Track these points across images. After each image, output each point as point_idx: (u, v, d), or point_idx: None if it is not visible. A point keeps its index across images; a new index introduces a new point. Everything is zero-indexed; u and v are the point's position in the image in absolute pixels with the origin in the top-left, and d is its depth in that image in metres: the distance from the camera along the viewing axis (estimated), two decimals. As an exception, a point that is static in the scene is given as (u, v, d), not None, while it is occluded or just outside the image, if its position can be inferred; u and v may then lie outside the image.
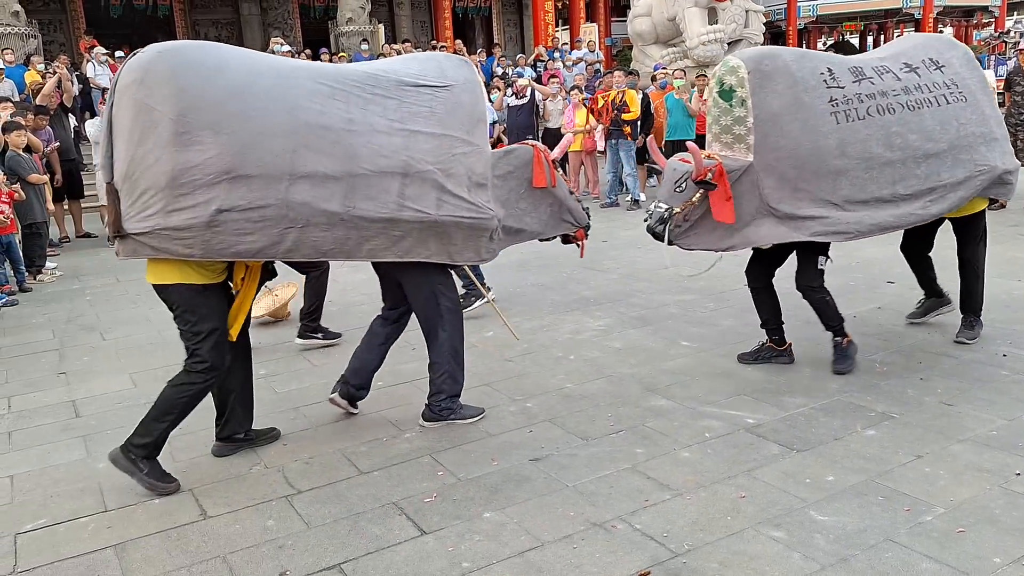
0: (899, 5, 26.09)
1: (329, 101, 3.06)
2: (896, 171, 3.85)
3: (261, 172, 2.90)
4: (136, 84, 2.85)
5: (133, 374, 4.65)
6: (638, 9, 18.27)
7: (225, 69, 2.95)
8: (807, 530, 2.65)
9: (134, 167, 2.85)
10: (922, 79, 4.01)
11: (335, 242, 3.11)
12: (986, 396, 3.65)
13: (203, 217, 2.85)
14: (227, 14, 19.48)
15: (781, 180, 3.75)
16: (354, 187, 3.06)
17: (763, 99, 3.73)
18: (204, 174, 2.84)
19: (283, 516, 2.93)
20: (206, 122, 2.84)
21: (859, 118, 3.79)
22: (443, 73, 3.36)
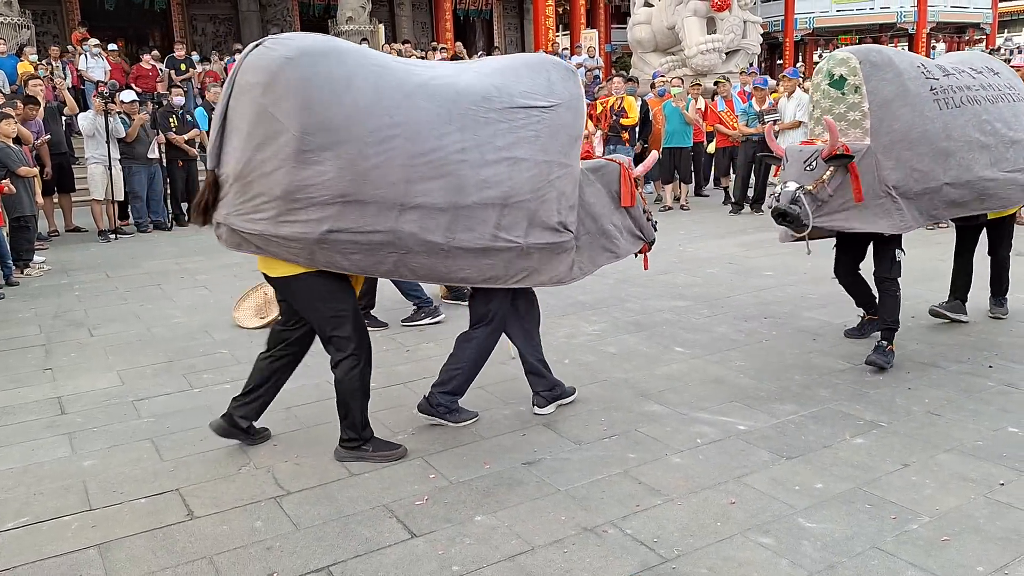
0: (894, 20, 26.34)
1: (446, 127, 3.03)
2: (992, 154, 4.22)
3: (375, 199, 2.92)
4: (261, 88, 2.83)
5: (121, 371, 4.63)
6: (638, 17, 18.36)
7: (352, 84, 2.90)
8: (795, 537, 2.66)
9: (250, 169, 2.87)
10: (988, 79, 4.43)
11: (430, 269, 3.14)
12: (972, 407, 3.68)
13: (313, 234, 2.89)
14: (225, 9, 19.46)
15: (898, 161, 3.99)
16: (457, 218, 3.06)
17: (876, 86, 3.96)
18: (320, 194, 2.86)
19: (272, 517, 2.92)
20: (329, 143, 2.84)
21: (956, 105, 4.14)
22: (551, 90, 3.29)
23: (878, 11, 26.29)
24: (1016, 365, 4.19)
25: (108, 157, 9.03)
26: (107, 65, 13.44)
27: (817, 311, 5.35)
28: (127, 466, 3.38)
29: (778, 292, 5.92)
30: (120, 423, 3.86)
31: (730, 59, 17.26)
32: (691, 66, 16.49)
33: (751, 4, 17.79)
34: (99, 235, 9.19)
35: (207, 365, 4.69)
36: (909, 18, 25.95)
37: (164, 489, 3.16)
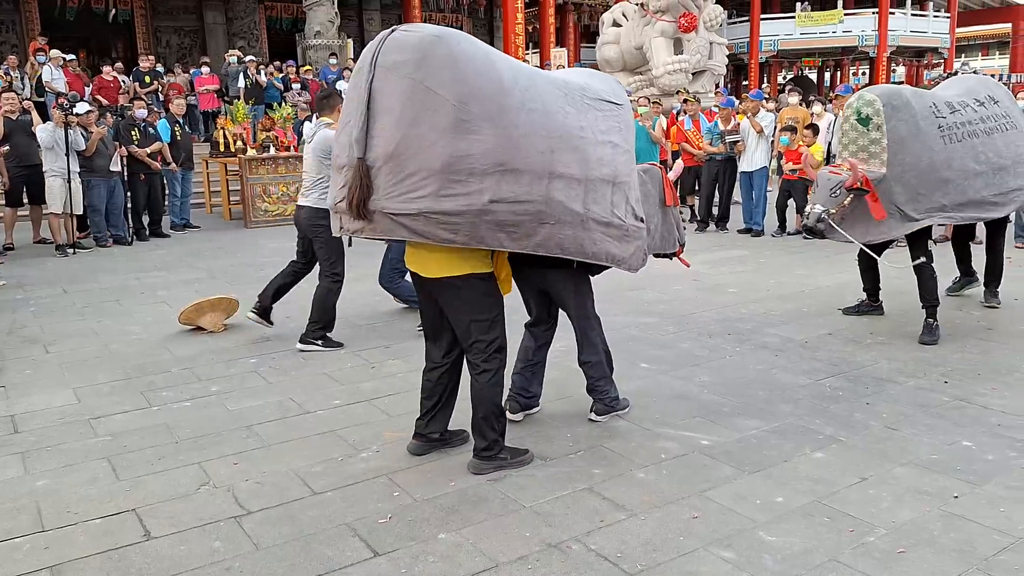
0: (855, 44, 27.05)
1: (566, 107, 3.17)
2: (983, 180, 5.04)
3: (528, 168, 2.98)
4: (412, 65, 2.84)
5: (77, 389, 4.53)
6: (606, 37, 18.58)
7: (492, 61, 3.00)
8: (756, 550, 2.69)
9: (404, 146, 2.84)
10: (988, 111, 5.22)
11: (574, 240, 3.22)
12: (928, 421, 3.76)
13: (476, 205, 2.89)
14: (191, 22, 19.27)
15: (907, 187, 4.83)
16: (588, 190, 3.20)
17: (894, 126, 4.83)
18: (480, 164, 2.88)
19: (231, 537, 2.86)
20: (486, 113, 2.88)
21: (958, 140, 4.97)
22: (615, 92, 3.53)
23: (840, 35, 26.97)
24: (970, 381, 4.29)
25: (67, 170, 8.87)
26: (64, 76, 13.22)
27: (780, 328, 5.44)
28: (82, 486, 3.30)
29: (742, 309, 6.00)
30: (75, 442, 3.77)
31: (696, 79, 17.53)
32: (658, 86, 16.71)
33: (717, 26, 18.12)
34: (57, 249, 9.00)
35: (166, 382, 4.61)
36: (870, 42, 26.67)
37: (120, 509, 3.09)
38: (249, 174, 10.76)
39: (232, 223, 11.36)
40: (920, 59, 30.52)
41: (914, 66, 31.27)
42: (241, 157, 10.93)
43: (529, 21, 22.50)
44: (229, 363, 4.95)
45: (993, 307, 5.77)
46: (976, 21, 34.60)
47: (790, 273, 7.29)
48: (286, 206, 10.83)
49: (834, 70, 33.09)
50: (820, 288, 6.60)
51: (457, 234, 2.94)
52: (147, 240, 9.93)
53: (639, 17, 17.49)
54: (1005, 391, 4.12)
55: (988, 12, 33.60)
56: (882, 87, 5.25)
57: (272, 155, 11.01)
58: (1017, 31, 31.88)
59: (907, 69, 31.98)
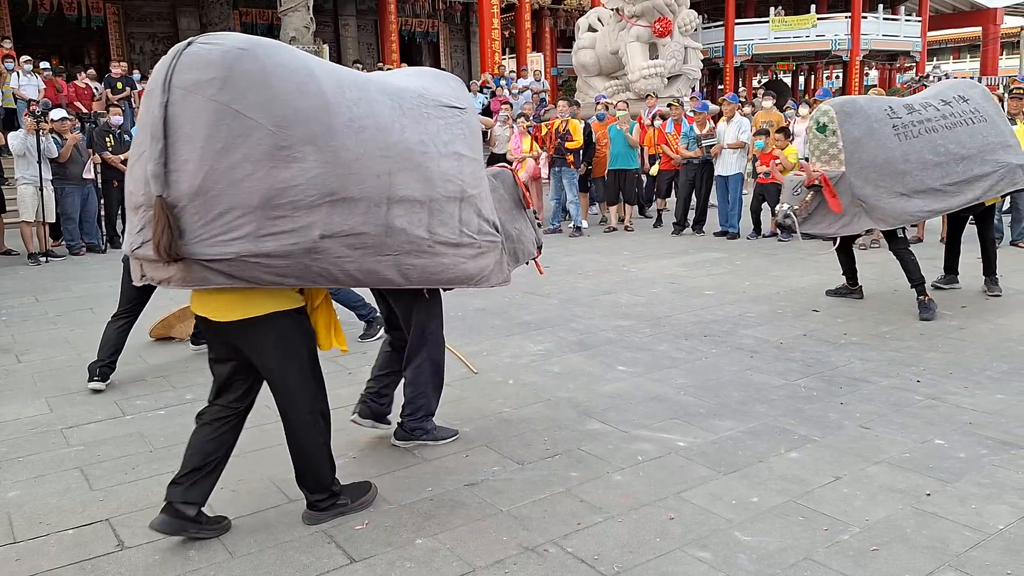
0: (828, 48, 27.39)
1: (402, 119, 2.85)
2: (942, 170, 5.52)
3: (363, 195, 2.66)
4: (215, 85, 2.42)
5: (49, 398, 4.46)
6: (582, 42, 18.70)
7: (313, 74, 2.62)
8: (732, 550, 2.71)
9: (213, 181, 2.42)
10: (954, 108, 5.74)
11: (421, 271, 2.94)
12: (901, 420, 3.81)
13: (304, 243, 2.54)
14: (165, 28, 19.10)
15: (866, 180, 5.45)
16: (432, 212, 2.91)
17: (848, 130, 5.49)
18: (305, 195, 2.51)
19: (206, 546, 2.83)
20: (309, 136, 2.52)
21: (914, 136, 5.52)
22: (457, 95, 3.24)
23: (814, 39, 27.29)
24: (942, 380, 4.35)
25: (40, 178, 8.75)
26: (41, 83, 13.06)
27: (755, 329, 5.48)
28: (54, 496, 3.25)
29: (718, 311, 6.05)
30: (48, 452, 3.72)
31: (672, 84, 17.69)
32: (634, 90, 16.83)
33: (692, 31, 18.29)
34: (29, 258, 8.87)
35: (140, 391, 4.56)
36: (843, 46, 27.01)
37: (93, 519, 3.05)
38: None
39: (208, 230, 11.23)
40: (893, 62, 30.98)
41: (887, 69, 31.72)
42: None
43: (505, 26, 22.57)
44: (203, 371, 4.87)
45: (996, 296, 6.15)
46: (947, 25, 35.17)
47: (765, 275, 7.36)
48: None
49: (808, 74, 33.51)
50: (795, 289, 6.67)
51: (285, 277, 2.59)
52: (121, 248, 9.80)
53: (614, 22, 17.62)
54: (976, 389, 4.18)
55: (959, 16, 34.18)
56: (840, 99, 5.98)
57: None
58: (987, 35, 32.44)
59: (880, 72, 32.44)
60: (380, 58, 20.82)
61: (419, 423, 3.61)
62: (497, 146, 11.25)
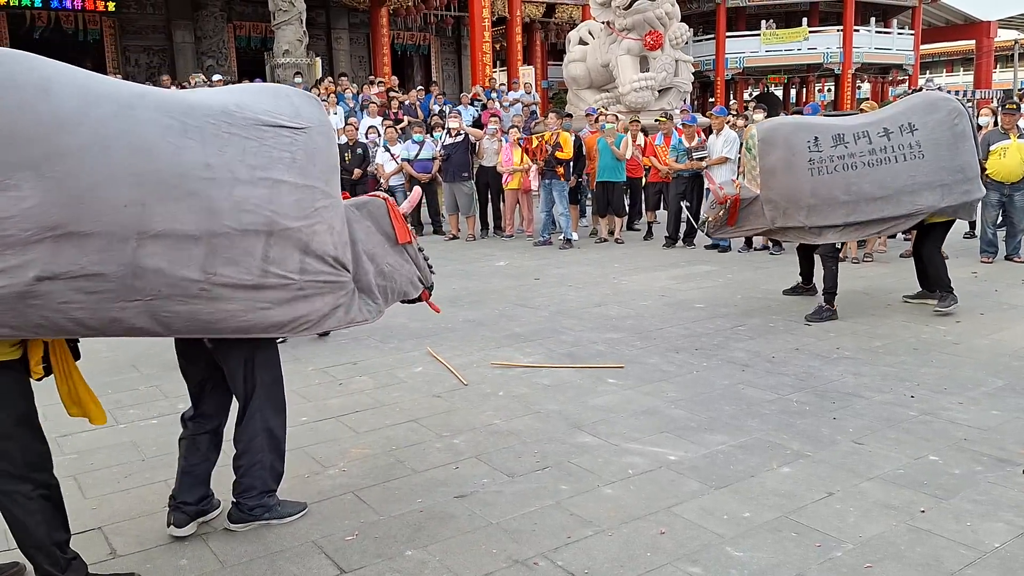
0: (820, 61, 27.58)
1: (182, 140, 2.45)
2: (848, 208, 5.76)
3: (100, 229, 2.27)
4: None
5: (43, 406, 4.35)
6: (573, 55, 18.79)
7: (50, 90, 2.26)
8: (723, 565, 2.70)
9: None
10: (891, 141, 5.77)
11: (191, 317, 2.51)
12: (894, 436, 3.81)
13: (16, 287, 2.18)
14: (159, 41, 19.13)
15: (775, 207, 5.90)
16: (214, 249, 2.48)
17: (764, 158, 5.85)
18: (20, 229, 2.16)
19: (197, 555, 2.82)
20: (26, 161, 2.17)
21: (828, 173, 5.72)
22: (298, 112, 2.80)
23: (805, 52, 27.47)
24: (936, 395, 4.36)
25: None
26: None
27: (747, 343, 5.49)
28: (40, 508, 3.21)
29: (709, 324, 6.06)
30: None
31: (663, 97, 17.77)
32: (625, 103, 16.91)
33: (683, 44, 18.39)
34: None
35: (133, 400, 4.53)
36: (835, 59, 27.21)
37: (86, 527, 3.02)
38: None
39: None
40: (885, 76, 31.20)
41: (879, 82, 31.97)
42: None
43: (496, 40, 22.67)
44: (194, 381, 4.87)
45: (945, 313, 5.99)
46: (940, 38, 35.48)
47: (757, 288, 7.37)
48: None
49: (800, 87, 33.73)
50: (787, 303, 6.68)
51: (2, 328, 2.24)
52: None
53: (605, 35, 17.72)
54: (971, 406, 4.19)
55: (952, 29, 34.49)
56: (769, 122, 6.26)
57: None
58: (980, 48, 32.75)
59: (872, 85, 32.69)
60: (372, 71, 20.88)
61: (258, 500, 3.01)
62: (485, 159, 11.29)
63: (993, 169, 8.08)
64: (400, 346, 5.57)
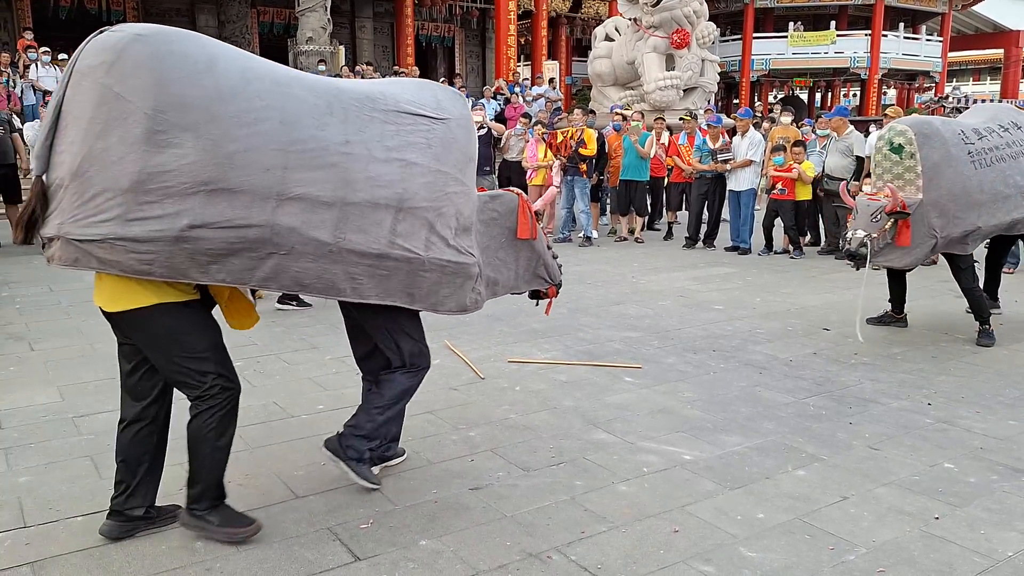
0: (847, 65, 27.34)
1: (326, 117, 2.74)
2: (1012, 202, 5.36)
3: (247, 188, 2.55)
4: (104, 67, 2.43)
5: (62, 387, 4.50)
6: (598, 51, 18.72)
7: (214, 65, 2.56)
8: (736, 565, 2.70)
9: (89, 162, 2.43)
10: (1013, 136, 5.51)
11: (318, 276, 2.76)
12: (910, 442, 3.79)
13: (171, 231, 2.47)
14: (183, 24, 19.10)
15: (943, 211, 5.15)
16: (346, 216, 2.74)
17: (927, 153, 5.12)
18: (178, 181, 2.46)
19: (212, 538, 2.85)
20: (187, 123, 2.47)
21: (987, 165, 5.26)
22: (439, 105, 3.06)
23: (832, 56, 27.25)
24: (953, 403, 4.33)
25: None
26: (59, 75, 13.17)
27: (764, 345, 5.47)
28: (64, 483, 3.28)
29: (727, 326, 6.04)
30: (59, 439, 3.74)
31: (688, 96, 17.68)
32: (649, 101, 16.83)
33: (710, 43, 18.28)
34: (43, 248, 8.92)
35: (152, 382, 4.58)
36: (862, 64, 26.98)
37: (102, 508, 3.04)
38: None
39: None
40: (911, 82, 30.88)
41: (905, 89, 31.64)
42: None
43: (522, 33, 22.64)
44: (214, 365, 4.92)
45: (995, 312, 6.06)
46: (968, 46, 35.08)
47: (776, 292, 7.34)
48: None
49: (825, 91, 33.45)
50: (806, 307, 6.65)
51: (152, 265, 2.51)
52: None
53: (632, 32, 17.63)
54: (988, 415, 4.16)
55: (980, 37, 34.08)
56: (913, 117, 5.77)
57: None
58: (1009, 57, 32.34)
59: (898, 92, 32.36)
60: (395, 61, 20.93)
61: (357, 441, 3.21)
62: (510, 152, 11.29)
63: (1020, 178, 7.99)
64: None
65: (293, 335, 5.59)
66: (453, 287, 3.07)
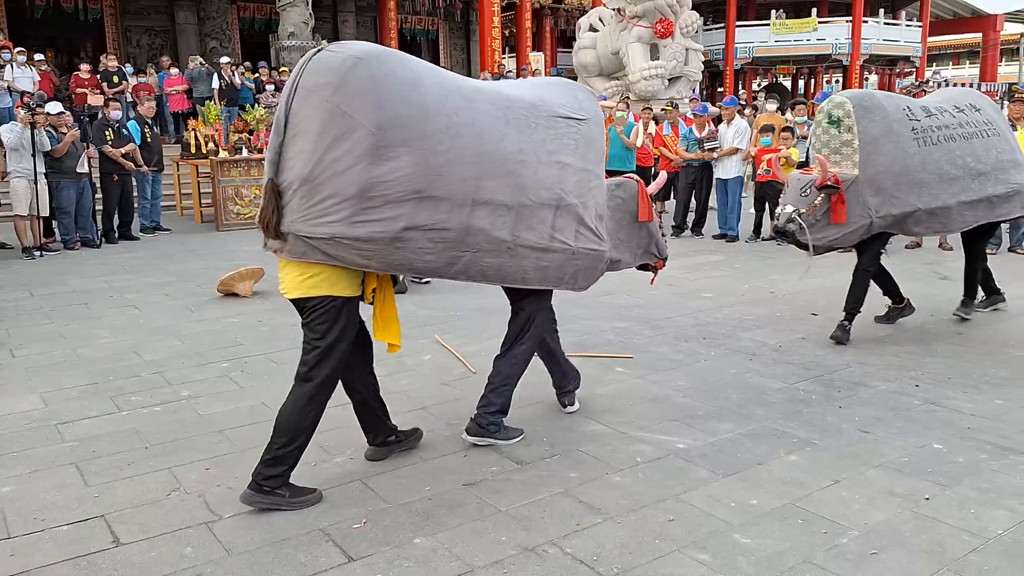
0: (829, 52, 27.43)
1: (505, 128, 3.13)
2: (959, 184, 4.95)
3: (448, 196, 2.95)
4: (331, 88, 2.79)
5: (44, 394, 4.44)
6: (583, 42, 18.66)
7: (419, 84, 2.94)
8: (731, 552, 2.70)
9: (320, 171, 2.80)
10: (968, 117, 5.17)
11: (497, 268, 3.20)
12: (900, 424, 3.80)
13: (389, 233, 2.87)
14: (162, 21, 19.03)
15: (880, 190, 4.80)
16: (520, 217, 3.16)
17: (866, 127, 4.78)
18: (395, 190, 2.85)
19: (202, 543, 2.82)
20: (403, 139, 2.85)
21: (933, 143, 4.90)
22: (580, 106, 3.48)
23: (815, 43, 27.33)
24: (940, 385, 4.35)
25: (34, 171, 8.70)
26: (35, 75, 13.02)
27: (754, 332, 5.48)
28: (49, 492, 3.23)
29: (716, 314, 6.04)
30: (42, 447, 3.69)
31: (672, 85, 17.67)
32: (635, 91, 16.81)
33: (693, 32, 18.26)
34: (23, 252, 8.83)
35: (136, 387, 4.53)
36: (844, 50, 27.07)
37: (88, 515, 3.03)
38: (221, 176, 10.66)
39: (203, 226, 11.23)
40: (892, 67, 31.04)
41: (887, 74, 31.79)
42: (213, 159, 10.81)
43: (506, 25, 22.53)
44: (200, 367, 4.88)
45: (961, 317, 5.60)
46: (948, 31, 35.28)
47: (764, 278, 7.36)
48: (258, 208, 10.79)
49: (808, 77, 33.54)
50: (794, 293, 6.66)
51: (371, 260, 2.92)
52: (116, 243, 9.79)
53: (616, 22, 17.59)
54: (975, 395, 4.18)
55: (959, 22, 34.27)
56: (854, 91, 5.35)
57: (244, 157, 10.91)
58: (987, 41, 32.54)
59: (879, 77, 32.51)
60: (379, 55, 20.77)
61: (495, 418, 3.60)
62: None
63: (1001, 160, 8.02)
64: (408, 333, 5.54)
65: (280, 334, 5.55)
66: (591, 271, 3.55)
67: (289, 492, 3.05)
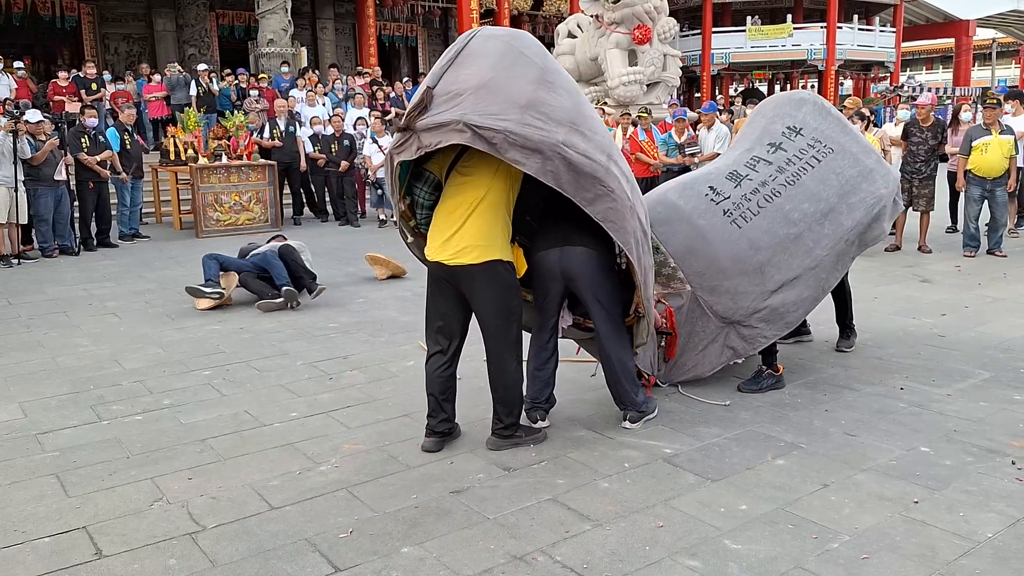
0: (804, 57, 27.76)
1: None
2: (807, 239, 4.24)
3: (594, 135, 3.42)
4: (508, 36, 3.47)
5: (23, 403, 4.35)
6: (562, 48, 18.70)
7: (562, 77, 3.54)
8: (721, 558, 2.69)
9: (496, 83, 3.25)
10: (789, 152, 4.42)
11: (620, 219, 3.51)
12: (886, 427, 3.82)
13: (552, 139, 3.24)
14: (140, 29, 18.85)
15: (718, 292, 4.22)
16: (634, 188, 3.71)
17: (669, 240, 4.21)
18: (556, 114, 3.30)
19: (186, 555, 2.77)
20: (565, 85, 3.45)
21: (754, 214, 4.23)
22: None
23: (790, 48, 27.65)
24: (925, 387, 4.38)
25: (14, 179, 8.56)
26: (12, 83, 12.84)
27: (738, 335, 5.47)
28: (29, 503, 3.16)
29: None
30: (22, 457, 3.61)
31: (651, 91, 17.75)
32: (614, 97, 16.87)
33: (671, 38, 18.36)
34: (0, 260, 8.68)
35: (116, 396, 4.45)
36: (819, 55, 27.42)
37: (70, 527, 2.96)
38: (200, 183, 10.55)
39: (183, 233, 11.11)
40: (867, 72, 31.45)
41: (861, 79, 32.21)
42: (192, 166, 10.71)
43: (486, 32, 22.54)
44: (182, 375, 4.81)
45: (845, 351, 5.06)
46: (921, 36, 35.84)
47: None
48: (238, 215, 10.78)
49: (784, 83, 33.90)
50: (776, 296, 6.68)
51: (529, 159, 3.22)
52: (95, 250, 9.65)
53: (594, 29, 17.66)
54: (959, 397, 4.21)
55: (932, 27, 34.81)
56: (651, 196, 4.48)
57: (224, 164, 10.81)
58: (960, 46, 33.09)
59: (854, 82, 32.93)
60: (358, 62, 20.72)
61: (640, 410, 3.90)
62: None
63: (975, 164, 8.14)
64: (391, 340, 5.53)
65: (262, 341, 5.48)
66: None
67: (524, 432, 3.66)
